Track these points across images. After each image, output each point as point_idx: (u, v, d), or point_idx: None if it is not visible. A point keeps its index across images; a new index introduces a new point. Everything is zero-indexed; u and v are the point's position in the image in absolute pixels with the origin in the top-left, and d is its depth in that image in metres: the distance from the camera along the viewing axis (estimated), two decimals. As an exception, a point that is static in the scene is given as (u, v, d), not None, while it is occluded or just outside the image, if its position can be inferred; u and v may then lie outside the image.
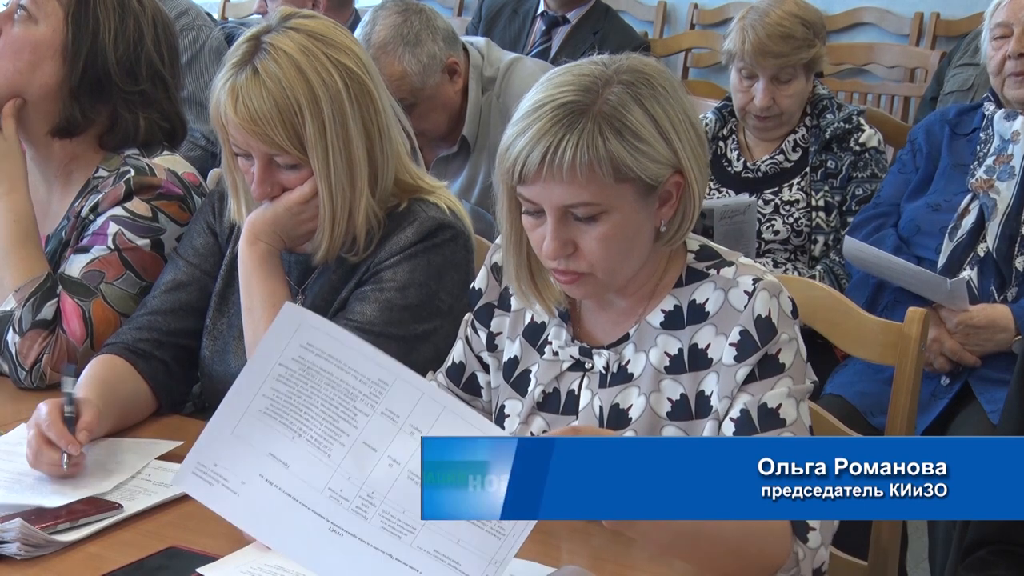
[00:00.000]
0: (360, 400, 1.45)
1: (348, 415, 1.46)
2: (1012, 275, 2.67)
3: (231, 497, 1.49)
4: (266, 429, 1.48)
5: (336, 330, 1.48)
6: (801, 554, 1.53)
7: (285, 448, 1.47)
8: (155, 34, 2.23)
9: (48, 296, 2.11)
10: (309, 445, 1.46)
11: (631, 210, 1.59)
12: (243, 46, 1.91)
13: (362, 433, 1.45)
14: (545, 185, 1.57)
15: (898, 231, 2.84)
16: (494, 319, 1.84)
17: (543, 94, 1.59)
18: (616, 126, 1.55)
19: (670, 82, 1.62)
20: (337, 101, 1.89)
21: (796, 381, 1.63)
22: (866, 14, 5.53)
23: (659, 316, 1.70)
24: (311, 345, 1.47)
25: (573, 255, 1.61)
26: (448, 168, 3.12)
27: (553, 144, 1.54)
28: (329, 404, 1.46)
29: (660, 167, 1.58)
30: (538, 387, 1.77)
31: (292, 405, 1.47)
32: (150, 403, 2.05)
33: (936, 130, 2.90)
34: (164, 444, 1.90)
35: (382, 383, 1.44)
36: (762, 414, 1.61)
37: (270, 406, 1.48)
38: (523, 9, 4.31)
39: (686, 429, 1.67)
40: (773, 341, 1.62)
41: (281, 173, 1.92)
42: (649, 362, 1.69)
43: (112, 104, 2.21)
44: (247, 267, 1.97)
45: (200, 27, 3.78)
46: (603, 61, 1.62)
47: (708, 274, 1.68)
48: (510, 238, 1.70)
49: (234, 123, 1.88)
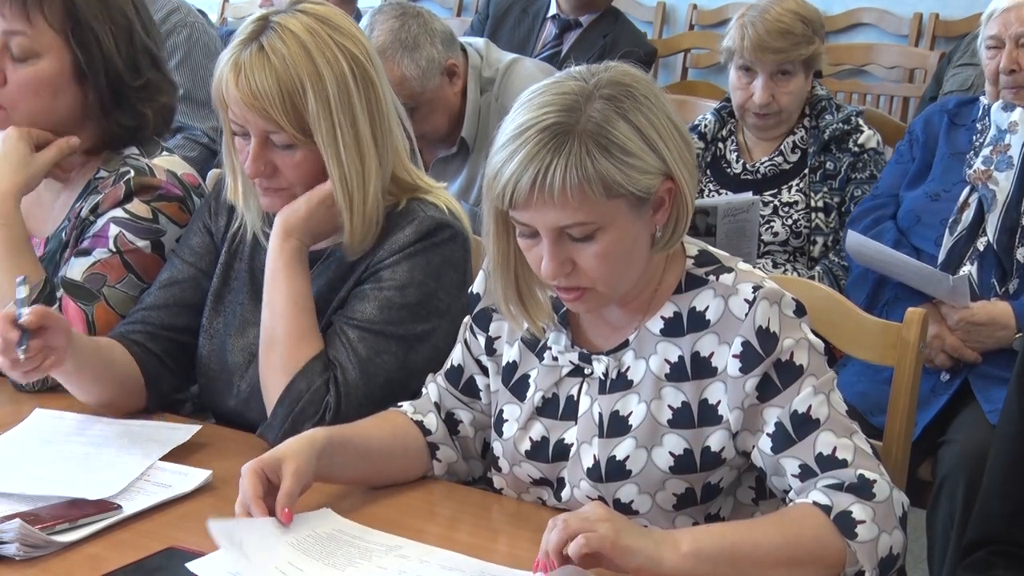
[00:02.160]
0: (377, 555, 1.59)
1: (365, 555, 1.58)
2: (1014, 267, 2.67)
3: (245, 563, 1.53)
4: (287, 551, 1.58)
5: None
6: (856, 550, 1.53)
7: (303, 562, 1.55)
8: (139, 16, 2.20)
9: (49, 302, 2.11)
10: (327, 568, 1.55)
11: (626, 223, 1.59)
12: (251, 25, 1.91)
13: (374, 565, 1.56)
14: (537, 209, 1.56)
15: (897, 222, 2.84)
16: (492, 323, 1.83)
17: (526, 116, 1.57)
18: (602, 143, 1.54)
19: (651, 89, 1.61)
20: (343, 83, 1.89)
21: (819, 376, 1.64)
22: (865, 14, 5.53)
23: (659, 323, 1.69)
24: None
25: (573, 272, 1.61)
26: (447, 169, 3.12)
27: (542, 169, 1.53)
28: (346, 555, 1.58)
29: (650, 178, 1.58)
30: (537, 392, 1.77)
31: (316, 551, 1.59)
32: (139, 385, 2.04)
33: (935, 120, 2.91)
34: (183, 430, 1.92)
35: (397, 546, 1.61)
36: (795, 422, 1.62)
37: (296, 544, 1.59)
38: (532, 10, 4.31)
39: (688, 437, 1.67)
40: (777, 350, 1.62)
41: (276, 152, 1.92)
42: (649, 369, 1.69)
43: (132, 104, 2.21)
44: (275, 263, 1.96)
45: (192, 24, 3.77)
46: (582, 75, 1.61)
47: (707, 280, 1.68)
48: (497, 261, 1.69)
49: (235, 98, 1.88)
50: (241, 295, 2.08)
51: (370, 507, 1.75)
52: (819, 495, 1.57)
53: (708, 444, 1.67)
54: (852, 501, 1.56)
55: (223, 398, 2.07)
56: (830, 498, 1.56)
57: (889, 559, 1.57)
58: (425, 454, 1.85)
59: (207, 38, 3.81)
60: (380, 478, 1.80)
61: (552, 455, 1.75)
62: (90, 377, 1.97)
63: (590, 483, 1.71)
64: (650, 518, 1.69)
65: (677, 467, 1.67)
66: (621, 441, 1.69)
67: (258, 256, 2.07)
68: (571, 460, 1.73)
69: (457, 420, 1.87)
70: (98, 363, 1.98)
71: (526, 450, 1.77)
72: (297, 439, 1.67)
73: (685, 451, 1.67)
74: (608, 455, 1.69)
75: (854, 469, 1.59)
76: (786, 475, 1.63)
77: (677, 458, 1.67)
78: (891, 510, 1.58)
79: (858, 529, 1.54)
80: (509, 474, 1.80)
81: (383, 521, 1.69)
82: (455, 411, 1.87)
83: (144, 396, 2.06)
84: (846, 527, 1.54)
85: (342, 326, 1.95)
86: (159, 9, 3.77)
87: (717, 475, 1.68)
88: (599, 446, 1.70)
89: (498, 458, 1.81)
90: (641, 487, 1.68)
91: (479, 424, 1.87)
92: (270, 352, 1.94)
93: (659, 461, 1.67)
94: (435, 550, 1.60)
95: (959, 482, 2.42)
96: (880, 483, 1.58)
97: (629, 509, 1.69)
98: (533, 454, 1.77)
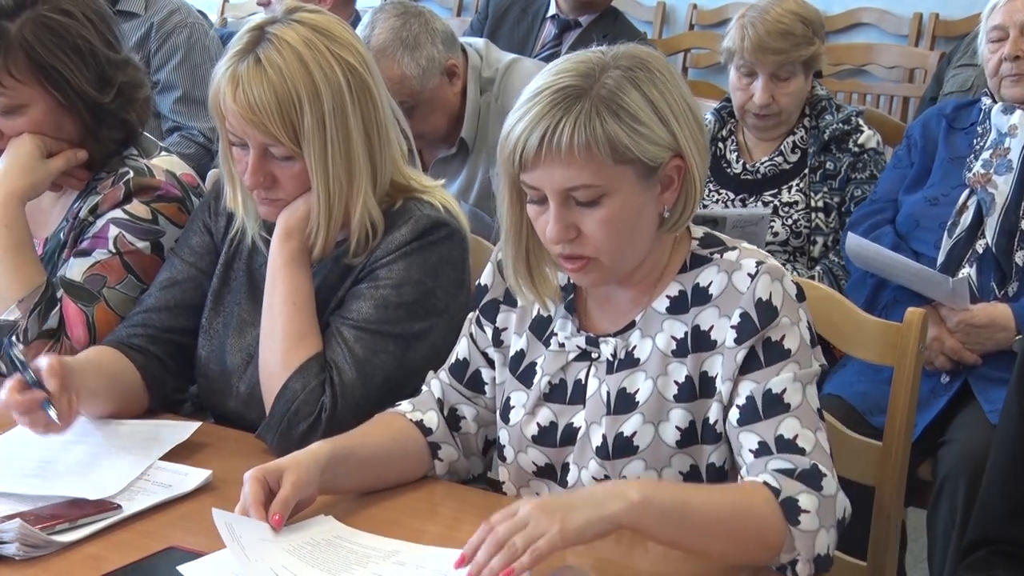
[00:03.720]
0: (374, 561, 1.57)
1: (361, 562, 1.57)
2: (1012, 270, 2.67)
3: (243, 557, 1.53)
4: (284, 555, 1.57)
5: None
6: (795, 536, 1.54)
7: (299, 568, 1.54)
8: (94, 29, 2.18)
9: (52, 304, 2.11)
10: (322, 573, 1.54)
11: (632, 193, 1.61)
12: (247, 35, 1.91)
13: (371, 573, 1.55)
14: (545, 169, 1.59)
15: (896, 226, 2.84)
16: (500, 315, 1.85)
17: (542, 81, 1.62)
18: (613, 108, 1.58)
19: (668, 68, 1.65)
20: (338, 95, 1.89)
21: (803, 365, 1.64)
22: (865, 14, 5.53)
23: (664, 302, 1.71)
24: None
25: (577, 239, 1.63)
26: (447, 169, 3.12)
27: (551, 126, 1.57)
28: (343, 561, 1.57)
29: (659, 149, 1.60)
30: (544, 377, 1.77)
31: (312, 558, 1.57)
32: (142, 392, 2.05)
33: (933, 124, 2.90)
34: (185, 427, 1.92)
35: (396, 551, 1.59)
36: (767, 400, 1.62)
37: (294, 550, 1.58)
38: (532, 9, 4.31)
39: (692, 410, 1.68)
40: (773, 324, 1.63)
41: (275, 164, 1.92)
42: (656, 347, 1.70)
43: (115, 116, 2.21)
44: (275, 263, 1.96)
45: (192, 24, 3.78)
46: (601, 50, 1.65)
47: (712, 259, 1.70)
48: (509, 230, 1.72)
49: (232, 111, 1.88)
50: (240, 295, 2.08)
51: (371, 508, 1.75)
52: (770, 477, 1.57)
53: (707, 416, 1.68)
54: (800, 490, 1.56)
55: (222, 399, 2.07)
56: (779, 482, 1.56)
57: (824, 559, 1.57)
58: (426, 455, 1.85)
59: (206, 39, 3.81)
60: (382, 483, 1.81)
61: (560, 439, 1.76)
62: (93, 397, 1.95)
63: (598, 461, 1.71)
64: None
65: (683, 440, 1.68)
66: (628, 417, 1.70)
67: (256, 257, 2.07)
68: (579, 442, 1.74)
69: (460, 416, 1.87)
70: (101, 382, 1.97)
71: (533, 435, 1.77)
72: (302, 452, 1.69)
73: (690, 423, 1.68)
74: (616, 432, 1.70)
75: (809, 459, 1.59)
76: (743, 449, 1.63)
77: (683, 432, 1.68)
78: (833, 508, 1.58)
79: (801, 517, 1.54)
80: (513, 463, 1.80)
81: (384, 522, 1.69)
82: (458, 407, 1.87)
83: (147, 401, 2.06)
84: (791, 512, 1.54)
85: (338, 326, 1.95)
86: (159, 10, 3.77)
87: (720, 454, 1.69)
88: (607, 423, 1.71)
89: (503, 447, 1.81)
90: (648, 463, 1.69)
91: (482, 420, 1.87)
92: (268, 352, 1.94)
93: (666, 436, 1.68)
94: (433, 553, 1.59)
95: (960, 482, 2.42)
96: (829, 479, 1.59)
97: None
98: (540, 439, 1.77)
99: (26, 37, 2.09)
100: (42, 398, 1.78)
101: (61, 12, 2.13)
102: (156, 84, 3.68)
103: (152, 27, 3.75)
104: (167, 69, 3.74)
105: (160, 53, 3.75)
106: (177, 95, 3.73)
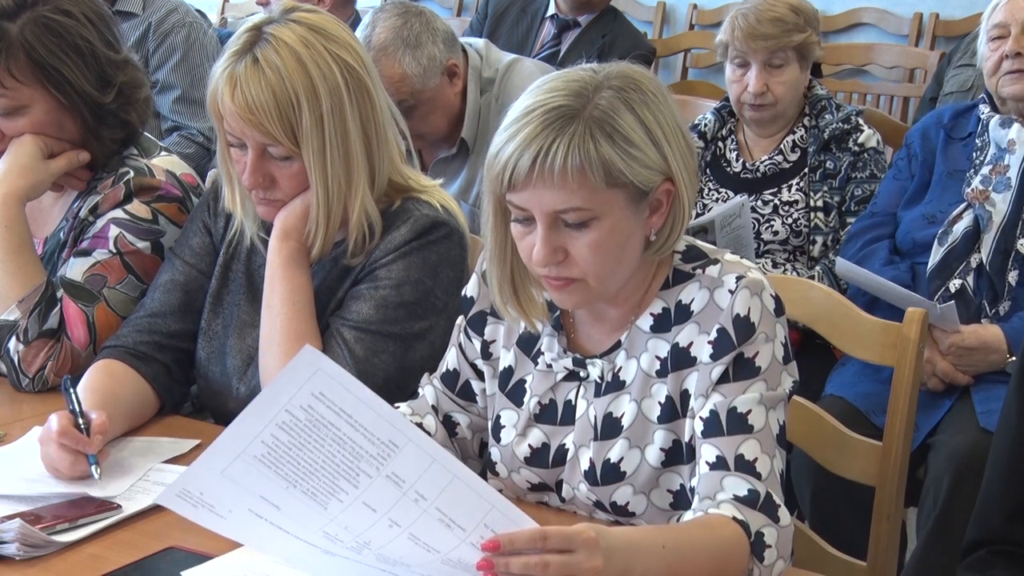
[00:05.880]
0: (365, 461, 1.35)
1: (350, 475, 1.36)
2: (1005, 289, 2.66)
3: (216, 519, 1.44)
4: (259, 475, 1.37)
5: (353, 383, 1.34)
6: (756, 572, 1.53)
7: (278, 494, 1.39)
8: (94, 29, 2.18)
9: (52, 304, 2.12)
10: (304, 496, 1.38)
11: (622, 216, 1.59)
12: (244, 35, 1.91)
13: (363, 494, 1.37)
14: (535, 190, 1.55)
15: (895, 242, 2.83)
16: (487, 327, 1.82)
17: (532, 100, 1.57)
18: (607, 130, 1.54)
19: (660, 89, 1.62)
20: (336, 95, 1.89)
21: (770, 386, 1.62)
22: (865, 14, 5.53)
23: (648, 320, 1.69)
24: (323, 395, 1.33)
25: (564, 262, 1.60)
26: (447, 169, 3.12)
27: (544, 148, 1.53)
28: (331, 461, 1.35)
29: (651, 173, 1.58)
30: (533, 398, 1.76)
31: (291, 457, 1.36)
32: (153, 404, 2.05)
33: (931, 135, 2.90)
34: (183, 443, 1.91)
35: (392, 445, 1.34)
36: (731, 418, 1.61)
37: (267, 454, 1.36)
38: (531, 9, 4.32)
39: (674, 430, 1.67)
40: (750, 341, 1.61)
41: (274, 164, 1.92)
42: (640, 368, 1.69)
43: (116, 116, 2.21)
44: (274, 263, 1.96)
45: (191, 24, 3.78)
46: (592, 68, 1.62)
47: (694, 274, 1.68)
48: (494, 251, 1.69)
49: (231, 111, 1.88)
50: (239, 296, 2.08)
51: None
52: (735, 510, 1.54)
53: (684, 435, 1.66)
54: (764, 523, 1.54)
55: (223, 400, 2.07)
56: (745, 515, 1.54)
57: None
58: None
59: (205, 38, 3.82)
60: None
61: (552, 461, 1.75)
62: (115, 431, 1.92)
63: (587, 486, 1.71)
64: (647, 519, 1.68)
65: (667, 460, 1.67)
66: (614, 443, 1.69)
67: (255, 258, 2.07)
68: (569, 463, 1.73)
69: (455, 423, 1.86)
70: (123, 424, 1.94)
71: (525, 456, 1.76)
72: None
73: (673, 443, 1.66)
74: (603, 458, 1.69)
75: (765, 486, 1.57)
76: (700, 459, 1.61)
77: (667, 452, 1.67)
78: (788, 538, 1.57)
79: (766, 553, 1.53)
80: (508, 479, 1.79)
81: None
82: (452, 414, 1.86)
83: (156, 411, 2.06)
84: (758, 548, 1.53)
85: (338, 327, 1.95)
86: (158, 9, 3.78)
87: None
88: (595, 449, 1.70)
89: (495, 463, 1.81)
90: (636, 488, 1.68)
91: (476, 427, 1.86)
92: (268, 352, 1.94)
93: (651, 459, 1.67)
94: (434, 468, 1.36)
95: (944, 481, 2.41)
96: (783, 510, 1.58)
97: (626, 511, 1.69)
98: (533, 460, 1.76)
99: (27, 38, 2.09)
100: (91, 451, 1.76)
101: (61, 12, 2.13)
102: (155, 84, 3.69)
103: (150, 27, 3.75)
104: (166, 69, 3.75)
105: (158, 53, 3.75)
106: (176, 95, 3.74)
